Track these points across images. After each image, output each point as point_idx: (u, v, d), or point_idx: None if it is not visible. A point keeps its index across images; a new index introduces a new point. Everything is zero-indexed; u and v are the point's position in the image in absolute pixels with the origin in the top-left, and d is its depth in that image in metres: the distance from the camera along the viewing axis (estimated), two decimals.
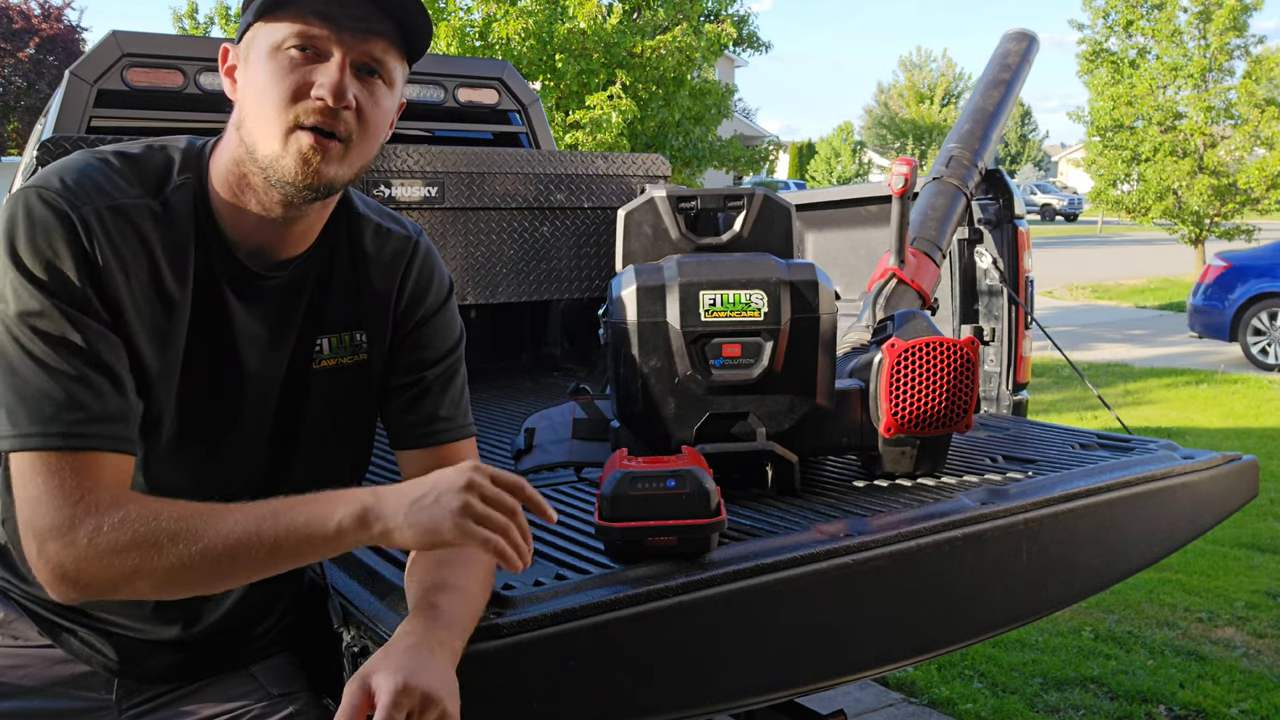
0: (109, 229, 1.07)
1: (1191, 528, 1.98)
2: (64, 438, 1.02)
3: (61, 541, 1.01)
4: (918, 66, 48.75)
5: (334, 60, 1.10)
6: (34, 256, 1.04)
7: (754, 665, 1.41)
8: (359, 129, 1.12)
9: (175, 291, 1.13)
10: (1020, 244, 2.67)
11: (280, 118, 1.09)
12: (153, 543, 1.01)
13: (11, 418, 1.02)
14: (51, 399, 1.02)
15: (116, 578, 1.02)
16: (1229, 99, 15.55)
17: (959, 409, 1.83)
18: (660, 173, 3.25)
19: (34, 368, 1.02)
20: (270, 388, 1.22)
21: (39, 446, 1.02)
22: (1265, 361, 9.07)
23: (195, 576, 1.03)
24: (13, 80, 18.32)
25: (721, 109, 13.45)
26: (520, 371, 3.51)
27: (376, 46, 1.12)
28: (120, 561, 1.01)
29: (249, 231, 1.16)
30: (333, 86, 1.09)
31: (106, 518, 1.01)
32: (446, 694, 1.00)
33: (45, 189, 1.07)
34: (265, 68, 1.10)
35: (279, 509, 1.04)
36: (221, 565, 1.03)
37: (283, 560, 1.05)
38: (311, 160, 1.10)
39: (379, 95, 1.14)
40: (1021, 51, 2.83)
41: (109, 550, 1.00)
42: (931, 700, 3.03)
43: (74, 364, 1.03)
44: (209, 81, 3.32)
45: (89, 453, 1.03)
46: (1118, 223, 24.74)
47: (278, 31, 1.10)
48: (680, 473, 1.38)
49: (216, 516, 1.03)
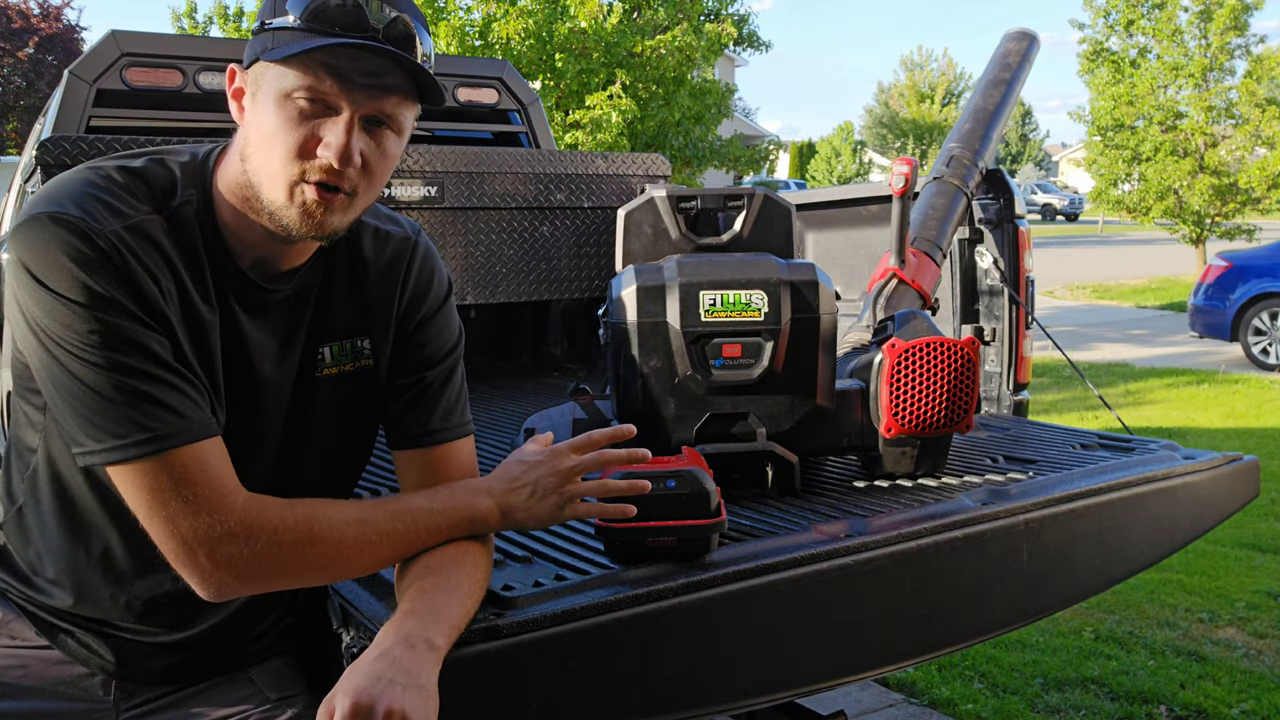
0: (133, 248, 1.06)
1: (1192, 528, 1.97)
2: (156, 441, 1.03)
3: (236, 544, 1.05)
4: (918, 66, 48.75)
5: (343, 117, 1.09)
6: (66, 279, 1.02)
7: (754, 665, 1.41)
8: (363, 180, 1.12)
9: (204, 305, 1.13)
10: (1021, 244, 2.66)
11: (285, 170, 1.08)
12: (306, 541, 1.09)
13: (97, 432, 1.02)
14: (130, 406, 1.02)
15: (282, 572, 1.09)
16: (1230, 98, 15.56)
17: (959, 409, 1.82)
18: (660, 172, 3.25)
19: (102, 379, 1.02)
20: (280, 397, 1.23)
21: (136, 456, 1.03)
22: (1266, 361, 9.06)
23: (347, 568, 1.13)
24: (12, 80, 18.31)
25: (721, 108, 13.45)
26: (520, 371, 3.51)
27: (387, 104, 1.11)
28: (290, 558, 1.08)
29: (254, 244, 1.16)
30: (339, 150, 1.08)
31: (278, 516, 1.07)
32: (410, 704, 0.97)
33: (60, 214, 1.04)
34: (273, 115, 1.09)
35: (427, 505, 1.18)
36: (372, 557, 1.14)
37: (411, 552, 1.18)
38: (315, 214, 1.10)
39: (387, 145, 1.14)
40: (1022, 51, 2.82)
41: (280, 551, 1.07)
42: (932, 701, 3.02)
43: (139, 366, 1.03)
44: (208, 81, 3.32)
45: (185, 448, 1.04)
46: (1118, 222, 24.73)
47: (286, 79, 1.08)
48: (680, 473, 1.38)
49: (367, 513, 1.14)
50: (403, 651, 1.02)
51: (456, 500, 1.20)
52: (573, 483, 1.24)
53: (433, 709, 1.00)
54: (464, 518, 1.19)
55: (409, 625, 1.07)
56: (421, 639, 1.05)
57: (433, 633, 1.06)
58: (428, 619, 1.08)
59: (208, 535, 1.04)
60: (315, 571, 1.12)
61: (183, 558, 1.05)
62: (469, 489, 1.22)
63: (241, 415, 1.18)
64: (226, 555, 1.05)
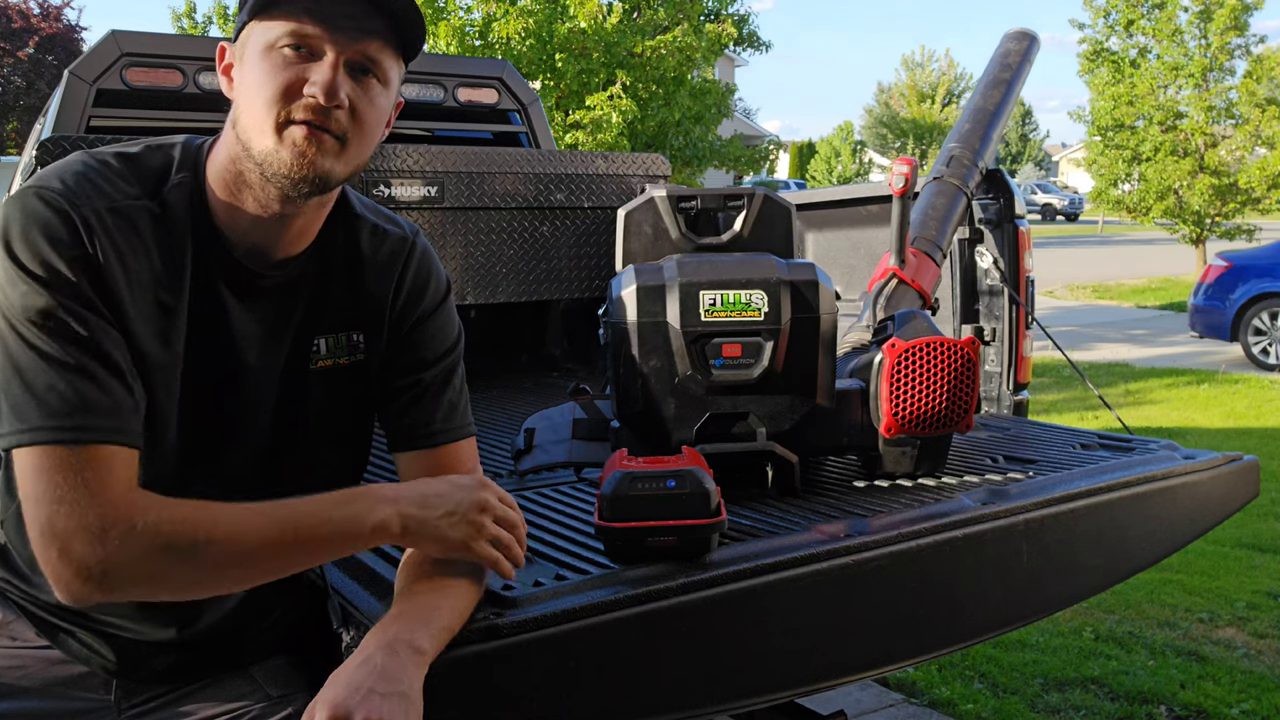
0: (109, 229, 1.07)
1: (1192, 528, 1.97)
2: (74, 431, 1.01)
3: (90, 542, 0.99)
4: (919, 66, 48.74)
5: (327, 59, 1.10)
6: (33, 254, 1.03)
7: (754, 665, 1.41)
8: (353, 127, 1.12)
9: (174, 292, 1.12)
10: (1021, 244, 2.66)
11: (273, 113, 1.09)
12: (187, 546, 1.02)
13: (18, 414, 1.01)
14: (58, 394, 1.01)
15: (143, 580, 1.02)
16: (1230, 98, 15.55)
17: (959, 409, 1.82)
18: (660, 172, 3.25)
19: (39, 363, 1.02)
20: (268, 387, 1.22)
21: (48, 440, 1.00)
22: (1266, 361, 9.06)
23: (230, 576, 1.07)
24: (12, 80, 18.32)
25: (721, 109, 13.45)
26: (520, 371, 3.51)
27: (371, 46, 1.12)
28: (151, 564, 1.01)
29: (246, 230, 1.16)
30: (325, 85, 1.09)
31: (139, 519, 1.01)
32: (388, 712, 0.96)
33: (45, 189, 1.06)
34: (259, 65, 1.10)
35: (311, 509, 1.09)
36: (253, 565, 1.06)
37: (310, 561, 1.12)
38: (307, 152, 1.10)
39: (374, 94, 1.14)
40: (1022, 51, 2.82)
41: (142, 552, 1.00)
42: (932, 701, 3.02)
43: (78, 358, 1.02)
44: (208, 81, 3.32)
45: (99, 446, 1.02)
46: (1118, 222, 24.73)
47: (272, 30, 1.10)
48: (680, 473, 1.38)
49: (247, 518, 1.05)
50: (385, 658, 1.02)
51: (353, 508, 1.11)
52: (489, 517, 1.18)
53: (415, 716, 0.99)
54: (360, 528, 1.11)
55: (394, 629, 1.06)
56: (406, 643, 1.04)
57: (419, 636, 1.06)
58: (415, 622, 1.08)
59: (64, 530, 0.99)
60: (178, 584, 1.06)
61: (41, 550, 1.00)
62: (372, 496, 1.13)
63: (224, 402, 1.18)
64: (81, 555, 0.99)
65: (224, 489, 1.15)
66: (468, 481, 1.20)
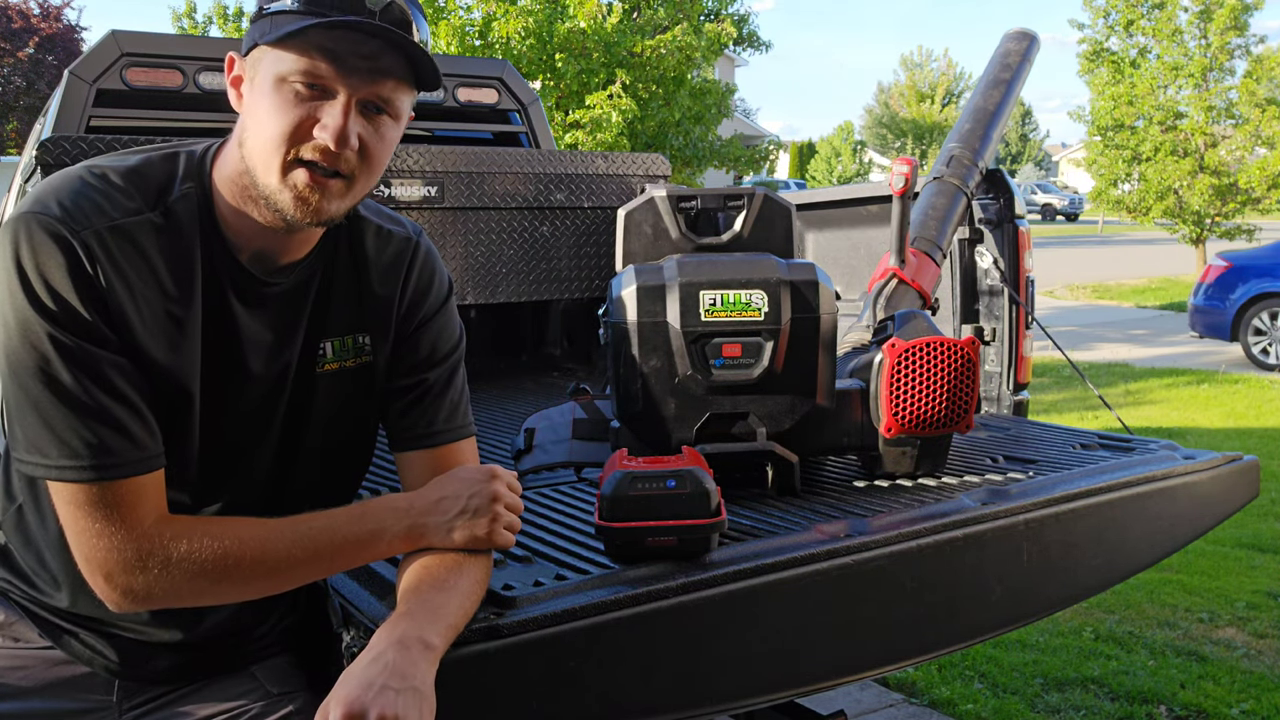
0: (111, 251, 1.06)
1: (1192, 528, 1.97)
2: (97, 470, 1.05)
3: (131, 572, 1.07)
4: (919, 66, 48.74)
5: (339, 100, 1.09)
6: (40, 286, 1.03)
7: (754, 665, 1.41)
8: (362, 165, 1.12)
9: (183, 303, 1.12)
10: (1021, 244, 2.66)
11: (280, 151, 1.08)
12: (220, 568, 1.09)
13: (38, 447, 1.04)
14: (79, 437, 1.04)
15: (184, 597, 1.11)
16: (1230, 98, 15.55)
17: (959, 409, 1.82)
18: (660, 172, 3.25)
19: (53, 401, 1.03)
20: (276, 392, 1.22)
21: (74, 480, 1.05)
22: (1266, 361, 9.06)
23: (256, 589, 1.14)
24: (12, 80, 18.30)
25: (721, 108, 13.45)
26: (520, 371, 3.51)
27: (384, 87, 1.11)
28: (189, 586, 1.09)
29: (252, 237, 1.16)
30: (336, 131, 1.08)
31: (174, 548, 1.08)
32: (403, 708, 0.97)
33: (44, 214, 1.05)
34: (270, 96, 1.09)
35: (331, 524, 1.15)
36: (279, 579, 1.14)
37: (329, 572, 1.18)
38: (310, 199, 1.10)
39: (384, 130, 1.14)
40: (1022, 51, 2.82)
41: (182, 578, 1.08)
42: (932, 701, 3.02)
43: (93, 396, 1.04)
44: (208, 81, 3.32)
45: (125, 481, 1.06)
46: (1118, 222, 24.73)
47: (284, 62, 1.08)
48: (680, 473, 1.38)
49: (272, 537, 1.11)
50: (396, 654, 1.02)
51: (369, 524, 1.16)
52: (502, 505, 1.21)
53: (429, 711, 1.00)
54: (377, 540, 1.16)
55: (403, 626, 1.07)
56: (416, 639, 1.05)
57: (428, 633, 1.06)
58: (423, 619, 1.08)
59: (105, 561, 1.07)
60: (212, 598, 1.14)
61: (87, 574, 1.09)
62: (386, 509, 1.18)
63: (233, 409, 1.18)
64: (125, 583, 1.07)
65: (237, 492, 1.19)
66: (478, 475, 1.22)
